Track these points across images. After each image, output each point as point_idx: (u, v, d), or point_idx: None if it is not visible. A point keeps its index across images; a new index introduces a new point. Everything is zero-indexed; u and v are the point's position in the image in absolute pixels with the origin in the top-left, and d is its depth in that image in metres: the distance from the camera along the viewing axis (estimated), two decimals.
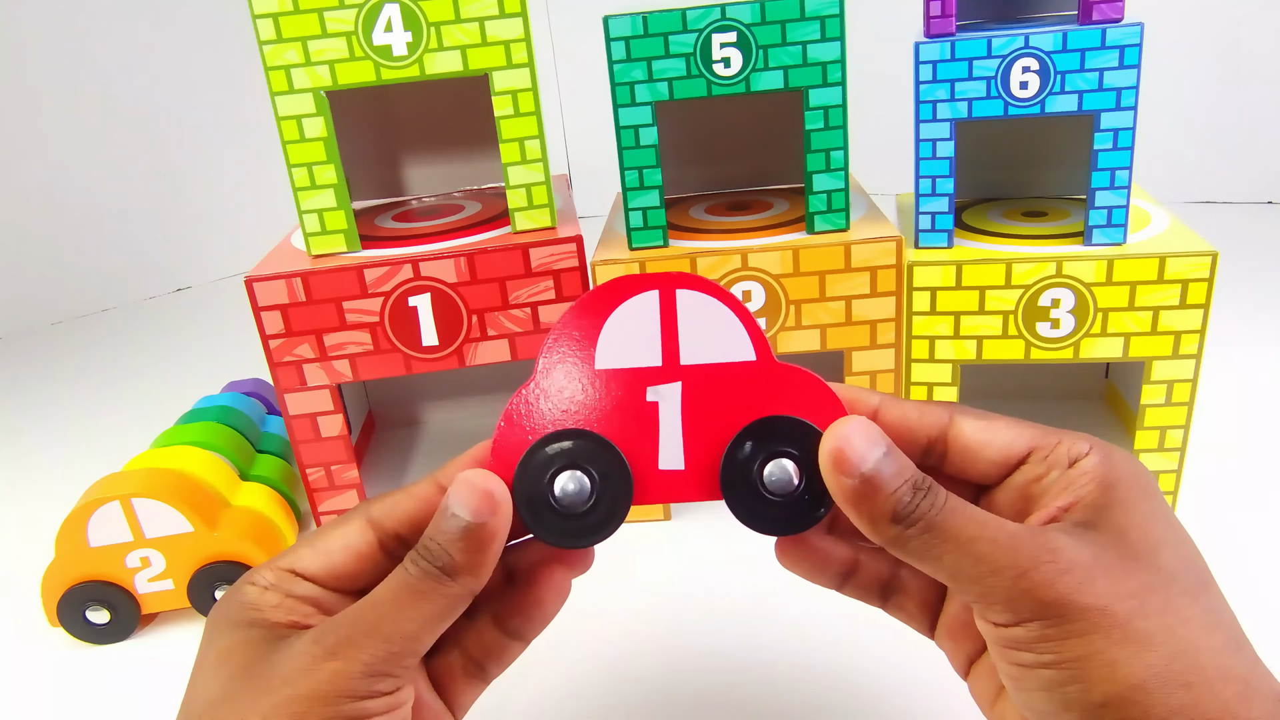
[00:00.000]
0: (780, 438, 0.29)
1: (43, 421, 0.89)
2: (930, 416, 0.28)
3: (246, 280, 0.53)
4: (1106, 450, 0.27)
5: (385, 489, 0.67)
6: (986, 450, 0.28)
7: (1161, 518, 0.26)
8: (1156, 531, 0.25)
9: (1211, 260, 0.50)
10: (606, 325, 0.29)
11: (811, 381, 0.29)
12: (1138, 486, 0.26)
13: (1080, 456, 0.27)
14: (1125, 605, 0.23)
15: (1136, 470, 0.27)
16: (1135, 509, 0.25)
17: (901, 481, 0.25)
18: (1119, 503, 0.26)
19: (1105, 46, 0.48)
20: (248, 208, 1.24)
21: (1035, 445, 0.28)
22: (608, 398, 0.30)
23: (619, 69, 0.51)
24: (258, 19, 0.50)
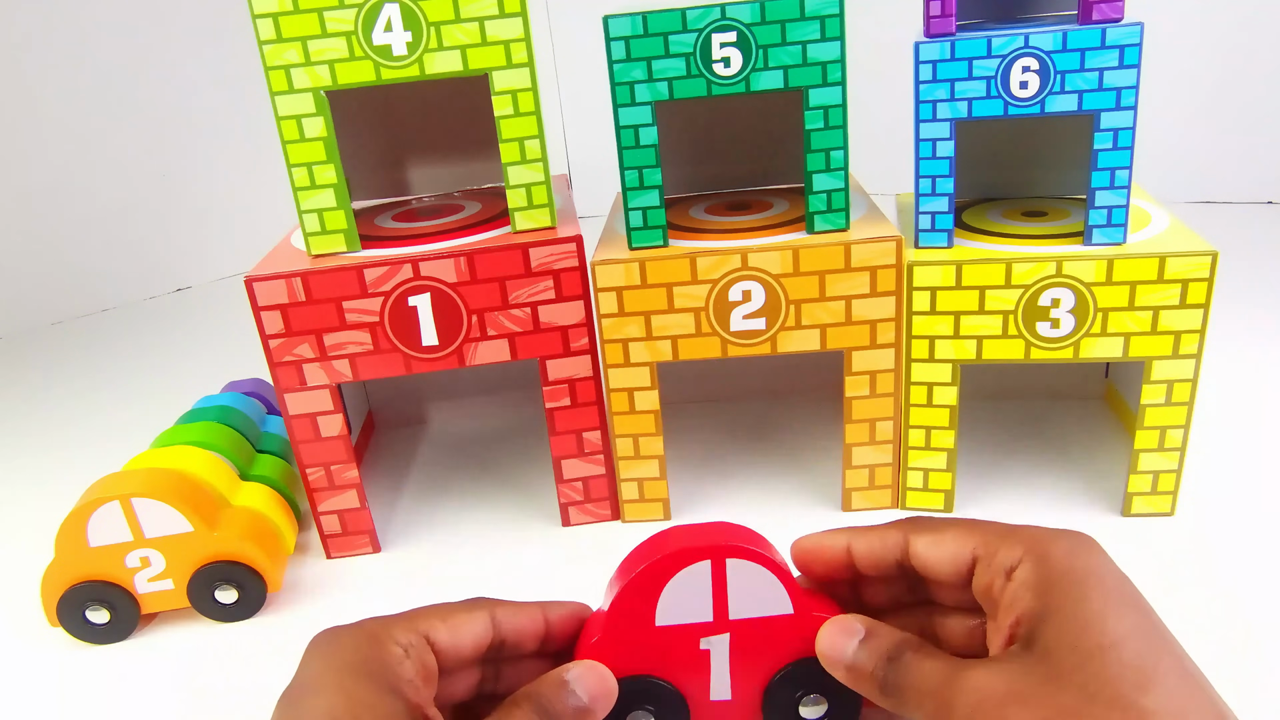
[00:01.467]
0: (813, 677, 0.34)
1: (43, 421, 0.89)
2: (890, 541, 0.32)
3: (246, 280, 0.53)
4: (1041, 552, 0.28)
5: (385, 489, 0.68)
6: (939, 567, 0.30)
7: (1102, 615, 0.26)
8: (1091, 636, 0.25)
9: (1211, 260, 0.50)
10: (665, 591, 0.34)
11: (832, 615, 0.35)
12: (1075, 587, 0.27)
13: (1014, 566, 0.28)
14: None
15: (1076, 565, 0.27)
16: (1070, 616, 0.26)
17: (876, 661, 0.29)
18: (1054, 612, 0.26)
19: (1105, 46, 0.48)
20: (248, 208, 1.24)
21: (977, 556, 0.29)
22: (667, 648, 0.35)
23: (619, 69, 0.51)
24: (258, 19, 0.50)
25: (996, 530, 0.30)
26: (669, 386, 0.63)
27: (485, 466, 0.70)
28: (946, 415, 0.56)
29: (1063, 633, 0.26)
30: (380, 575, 0.58)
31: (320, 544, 0.60)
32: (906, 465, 0.58)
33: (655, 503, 0.60)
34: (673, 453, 0.67)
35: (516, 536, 0.60)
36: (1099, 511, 0.57)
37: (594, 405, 0.57)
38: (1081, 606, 0.26)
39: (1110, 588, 0.26)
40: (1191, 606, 0.48)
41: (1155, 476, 0.55)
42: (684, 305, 0.54)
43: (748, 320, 0.54)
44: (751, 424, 0.72)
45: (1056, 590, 0.27)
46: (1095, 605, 0.26)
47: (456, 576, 0.57)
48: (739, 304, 0.54)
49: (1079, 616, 0.26)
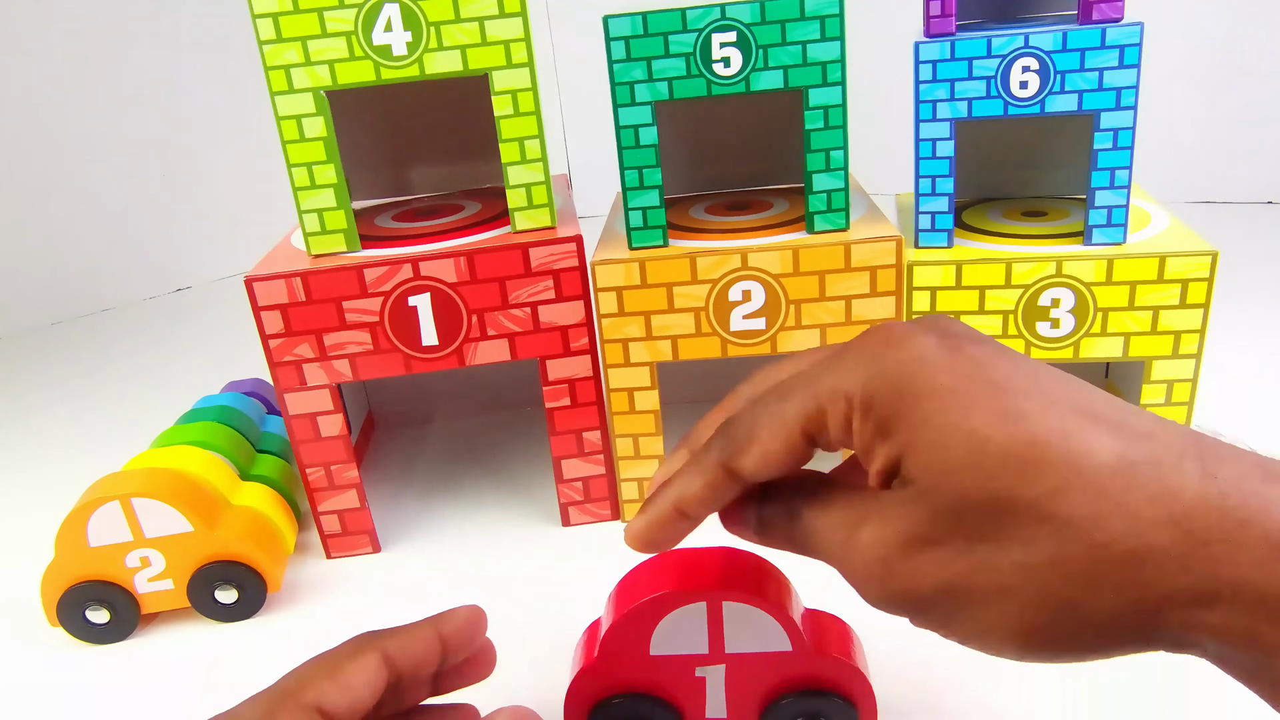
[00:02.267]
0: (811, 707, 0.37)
1: (43, 421, 0.89)
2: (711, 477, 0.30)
3: (246, 280, 0.53)
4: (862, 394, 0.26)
5: (385, 489, 0.68)
6: (776, 467, 0.29)
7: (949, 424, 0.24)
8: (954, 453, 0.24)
9: (1211, 260, 0.50)
10: (660, 625, 0.36)
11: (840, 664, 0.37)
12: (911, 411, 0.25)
13: (847, 420, 0.26)
14: None
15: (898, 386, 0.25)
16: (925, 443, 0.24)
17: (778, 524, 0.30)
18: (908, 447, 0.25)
19: (1105, 46, 0.48)
20: (248, 208, 1.24)
21: (808, 432, 0.28)
22: (662, 672, 0.37)
23: (619, 69, 0.51)
24: (258, 19, 0.50)
25: (804, 391, 0.27)
26: (669, 386, 0.63)
27: (485, 466, 0.70)
28: None
29: (927, 461, 0.24)
30: (380, 575, 0.58)
31: (320, 544, 0.60)
32: None
33: None
34: None
35: (516, 536, 0.60)
36: None
37: (594, 405, 0.57)
38: (930, 427, 0.24)
39: (941, 386, 0.24)
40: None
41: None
42: (684, 305, 0.54)
43: (748, 320, 0.54)
44: None
45: (896, 422, 0.25)
46: (939, 419, 0.24)
47: (456, 576, 0.57)
48: (739, 304, 0.54)
49: (931, 439, 0.24)
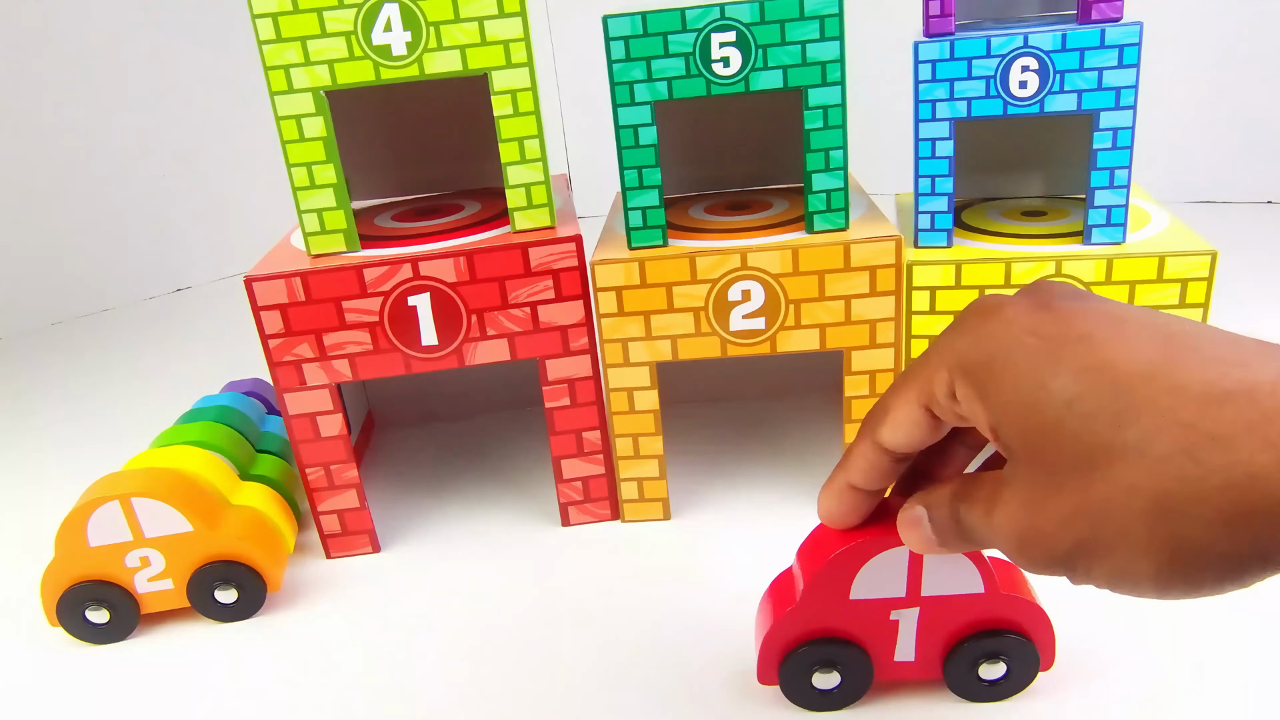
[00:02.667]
0: (996, 644, 0.40)
1: (43, 421, 0.89)
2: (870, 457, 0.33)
3: (246, 280, 0.53)
4: (956, 360, 0.27)
5: (385, 489, 0.68)
6: (915, 442, 0.31)
7: (1036, 386, 0.25)
8: (1043, 414, 0.25)
9: (1211, 259, 0.50)
10: (863, 570, 0.39)
11: (1027, 605, 0.40)
12: (1000, 375, 0.26)
13: (950, 390, 0.28)
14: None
15: (986, 351, 0.26)
16: (1016, 408, 0.25)
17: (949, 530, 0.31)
18: (1001, 412, 0.26)
19: (1104, 46, 0.48)
20: (248, 208, 1.24)
21: (926, 405, 0.29)
22: (858, 616, 0.40)
23: (618, 69, 0.51)
24: (257, 19, 0.50)
25: (920, 369, 0.29)
26: (669, 386, 0.63)
27: (485, 466, 0.70)
28: None
29: (1022, 424, 0.25)
30: (380, 575, 0.58)
31: (320, 544, 0.60)
32: None
33: (655, 502, 0.60)
34: (672, 453, 0.67)
35: (516, 536, 0.60)
36: None
37: (594, 405, 0.57)
38: (1018, 390, 0.25)
39: (1026, 350, 0.25)
40: (1190, 603, 0.48)
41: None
42: (683, 305, 0.54)
43: (747, 320, 0.54)
44: (751, 424, 0.72)
45: (990, 389, 0.26)
46: (1026, 381, 0.25)
47: (456, 576, 0.57)
48: (738, 304, 0.54)
49: (1022, 401, 0.25)
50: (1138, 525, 0.23)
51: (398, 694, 0.47)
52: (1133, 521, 0.23)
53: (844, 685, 0.42)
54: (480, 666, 0.48)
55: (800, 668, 0.42)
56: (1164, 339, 0.24)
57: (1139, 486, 0.23)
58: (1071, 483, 0.24)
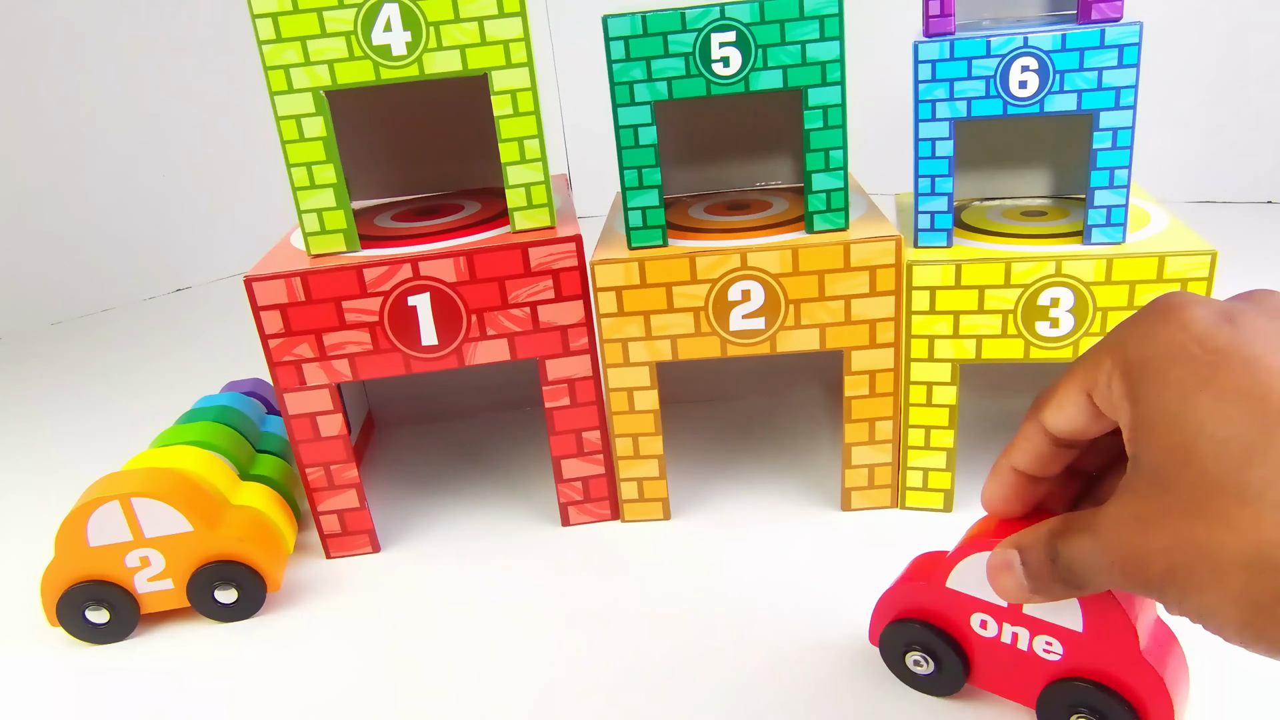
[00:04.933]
0: (1090, 696, 0.37)
1: (43, 421, 0.89)
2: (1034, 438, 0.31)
3: (246, 280, 0.53)
4: (1121, 353, 0.26)
5: (385, 489, 0.68)
6: (1079, 427, 0.29)
7: (1182, 400, 0.23)
8: (1181, 429, 0.23)
9: (1211, 259, 0.50)
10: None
11: (1141, 667, 0.36)
12: (1153, 379, 0.24)
13: (1109, 380, 0.26)
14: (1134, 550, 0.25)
15: (1149, 353, 0.25)
16: (1157, 415, 0.24)
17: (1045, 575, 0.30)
18: (1142, 416, 0.25)
19: (1104, 46, 0.48)
20: (248, 208, 1.24)
21: (1090, 392, 0.28)
22: (959, 611, 0.40)
23: (618, 69, 0.51)
24: (257, 19, 0.50)
25: (1091, 354, 0.28)
26: (669, 386, 0.63)
27: (485, 466, 0.70)
28: (946, 415, 0.56)
29: (1155, 436, 0.24)
30: (380, 575, 0.58)
31: (320, 544, 0.60)
32: (906, 465, 0.58)
33: (655, 502, 0.60)
34: (672, 453, 0.67)
35: (516, 536, 0.60)
36: None
37: (593, 405, 0.57)
38: (1163, 399, 0.24)
39: (1186, 359, 0.24)
40: None
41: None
42: (683, 305, 0.54)
43: (747, 320, 0.54)
44: (751, 424, 0.72)
45: (1140, 390, 0.25)
46: (1173, 392, 0.24)
47: (456, 576, 0.57)
48: (738, 303, 0.54)
49: (1163, 411, 0.24)
50: (1233, 571, 0.22)
51: (398, 694, 0.47)
52: (1229, 566, 0.22)
53: (934, 675, 0.42)
54: (480, 666, 0.48)
55: (897, 641, 0.43)
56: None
57: (1246, 530, 0.22)
58: (1184, 508, 0.23)
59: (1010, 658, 0.40)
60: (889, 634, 0.43)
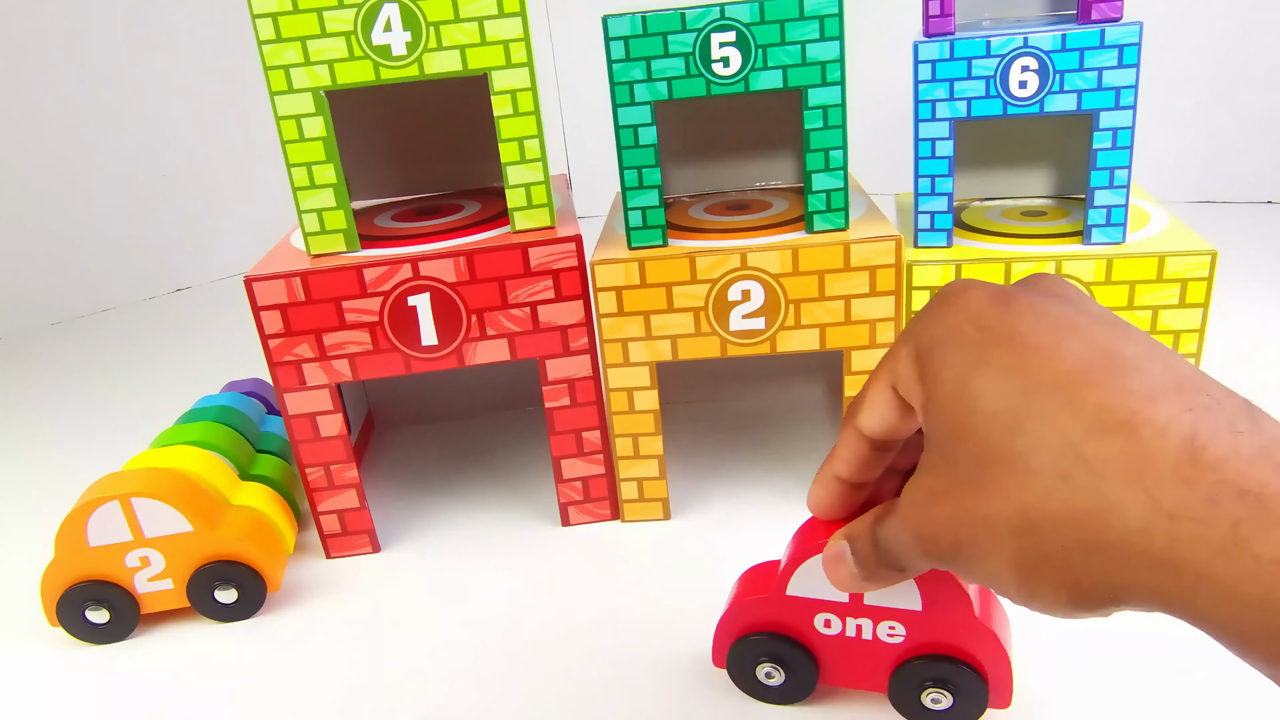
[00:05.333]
0: (938, 672, 0.39)
1: (43, 421, 0.89)
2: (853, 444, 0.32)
3: (246, 280, 0.53)
4: (910, 334, 0.27)
5: (385, 489, 0.68)
6: (892, 425, 0.30)
7: (962, 377, 0.25)
8: (961, 404, 0.25)
9: (1211, 259, 0.50)
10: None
11: (982, 635, 0.38)
12: (936, 359, 0.26)
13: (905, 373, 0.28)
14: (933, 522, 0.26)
15: (934, 333, 0.26)
16: (941, 392, 0.25)
17: (873, 560, 0.31)
18: (930, 394, 0.26)
19: (1104, 46, 0.48)
20: (248, 208, 1.24)
21: (894, 385, 0.29)
22: (800, 616, 0.41)
23: (618, 69, 0.51)
24: (257, 19, 0.50)
25: (890, 349, 0.29)
26: (669, 386, 0.63)
27: (485, 466, 0.70)
28: None
29: (940, 414, 0.25)
30: (380, 575, 0.58)
31: (320, 544, 0.60)
32: None
33: (655, 502, 0.60)
34: (672, 453, 0.67)
35: (516, 536, 0.60)
36: None
37: (593, 405, 0.57)
38: (945, 379, 0.25)
39: (962, 341, 0.25)
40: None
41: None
42: (683, 305, 0.54)
43: (747, 320, 0.54)
44: (751, 424, 0.72)
45: (927, 372, 0.26)
46: (953, 372, 0.25)
47: (456, 576, 0.57)
48: (738, 303, 0.54)
49: (946, 390, 0.25)
50: (1006, 536, 0.23)
51: (398, 694, 0.47)
52: (1002, 531, 0.23)
53: (788, 683, 0.42)
54: (480, 666, 0.48)
55: (745, 658, 0.43)
56: (1105, 356, 0.23)
57: (1013, 496, 0.23)
58: (965, 481, 0.24)
59: (858, 650, 0.41)
60: (736, 652, 0.43)
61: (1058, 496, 0.22)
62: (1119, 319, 0.25)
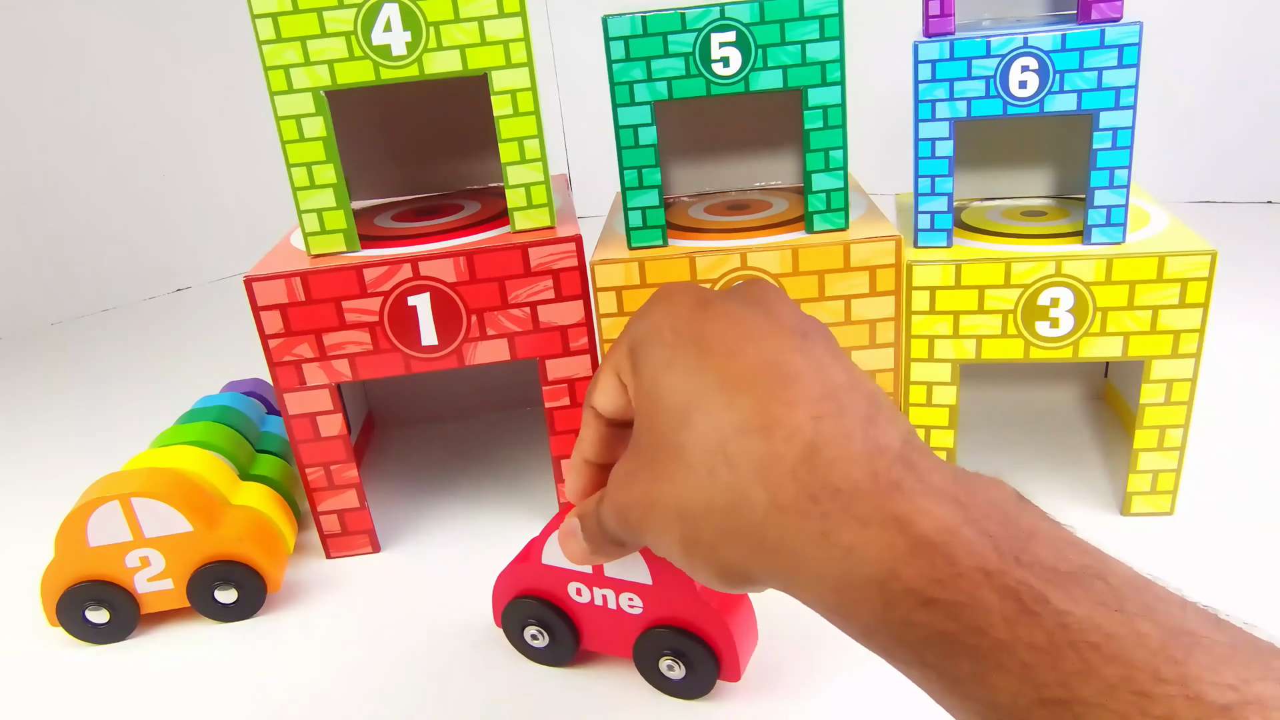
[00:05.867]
0: (672, 641, 0.43)
1: (43, 421, 0.89)
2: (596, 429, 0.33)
3: (246, 280, 0.53)
4: (625, 334, 0.29)
5: (385, 489, 0.68)
6: (623, 409, 0.32)
7: (654, 374, 0.27)
8: (650, 397, 0.27)
9: (1211, 259, 0.50)
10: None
11: (689, 594, 0.42)
12: (640, 357, 0.28)
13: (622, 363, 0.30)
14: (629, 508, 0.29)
15: (641, 332, 0.28)
16: (639, 387, 0.28)
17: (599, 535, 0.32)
18: (634, 389, 0.29)
19: (1104, 46, 0.48)
20: (248, 208, 1.24)
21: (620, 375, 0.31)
22: (557, 584, 0.45)
23: (618, 69, 0.51)
24: (257, 19, 0.50)
25: (617, 339, 0.31)
26: None
27: (485, 466, 0.70)
28: (946, 415, 0.56)
29: (639, 405, 0.28)
30: (380, 575, 0.58)
31: (320, 544, 0.60)
32: None
33: None
34: None
35: (516, 536, 0.60)
36: (1099, 510, 0.57)
37: None
38: (644, 375, 0.28)
39: (660, 342, 0.28)
40: None
41: (1154, 476, 0.55)
42: None
43: None
44: None
45: (635, 366, 0.29)
46: (650, 369, 0.28)
47: (456, 576, 0.57)
48: None
49: (644, 385, 0.28)
50: (673, 518, 0.26)
51: (398, 694, 0.47)
52: (671, 514, 0.26)
53: (551, 646, 0.46)
54: (480, 666, 0.48)
55: (514, 619, 0.47)
56: (771, 365, 0.25)
57: (678, 484, 0.26)
58: (647, 467, 0.27)
59: (606, 618, 0.45)
60: (508, 613, 0.47)
61: (706, 489, 0.25)
62: (812, 330, 0.28)
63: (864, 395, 0.25)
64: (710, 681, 0.44)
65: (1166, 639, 0.18)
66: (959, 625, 0.20)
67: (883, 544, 0.22)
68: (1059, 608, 0.19)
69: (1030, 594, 0.19)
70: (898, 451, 0.23)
